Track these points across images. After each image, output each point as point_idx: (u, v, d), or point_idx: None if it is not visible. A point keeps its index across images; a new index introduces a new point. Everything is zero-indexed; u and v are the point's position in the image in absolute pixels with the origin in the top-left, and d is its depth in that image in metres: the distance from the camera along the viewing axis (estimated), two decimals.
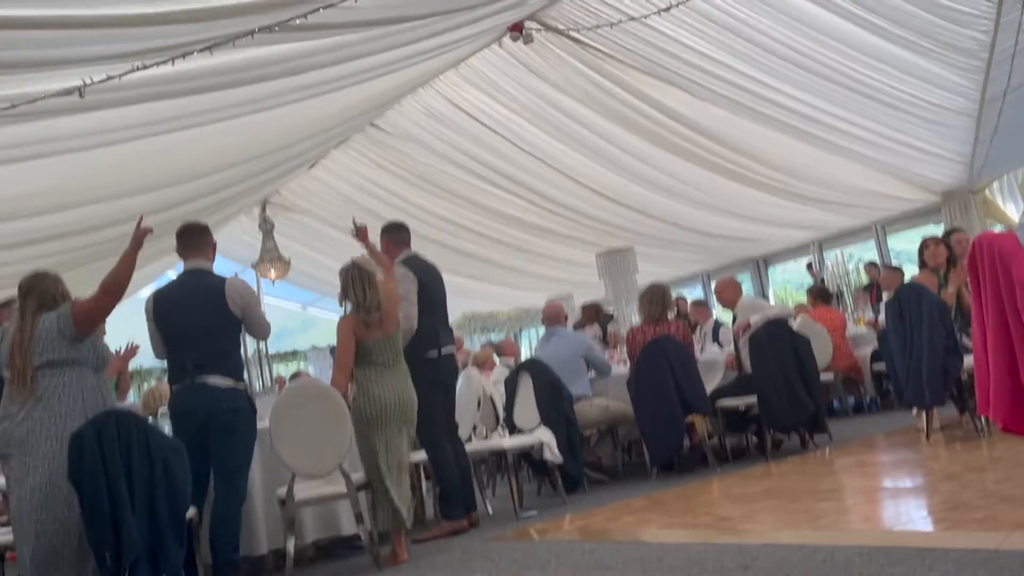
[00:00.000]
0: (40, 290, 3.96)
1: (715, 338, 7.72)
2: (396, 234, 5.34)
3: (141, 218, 3.97)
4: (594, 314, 9.44)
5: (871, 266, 10.58)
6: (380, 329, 4.56)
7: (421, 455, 5.17)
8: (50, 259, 7.42)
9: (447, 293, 5.48)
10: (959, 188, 10.06)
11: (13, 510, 3.79)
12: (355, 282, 4.60)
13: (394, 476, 4.45)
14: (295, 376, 9.98)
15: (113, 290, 3.95)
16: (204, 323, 4.28)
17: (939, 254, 5.95)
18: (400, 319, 4.87)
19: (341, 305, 4.74)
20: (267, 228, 11.27)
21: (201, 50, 4.51)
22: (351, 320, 4.57)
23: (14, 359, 3.80)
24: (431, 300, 5.19)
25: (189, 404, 4.23)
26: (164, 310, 4.38)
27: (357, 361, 4.59)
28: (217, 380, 4.24)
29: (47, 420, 3.77)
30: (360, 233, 4.96)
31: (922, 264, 6.01)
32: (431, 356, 5.09)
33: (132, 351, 5.89)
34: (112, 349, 5.57)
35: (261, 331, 4.60)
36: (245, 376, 4.41)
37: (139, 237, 3.91)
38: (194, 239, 4.51)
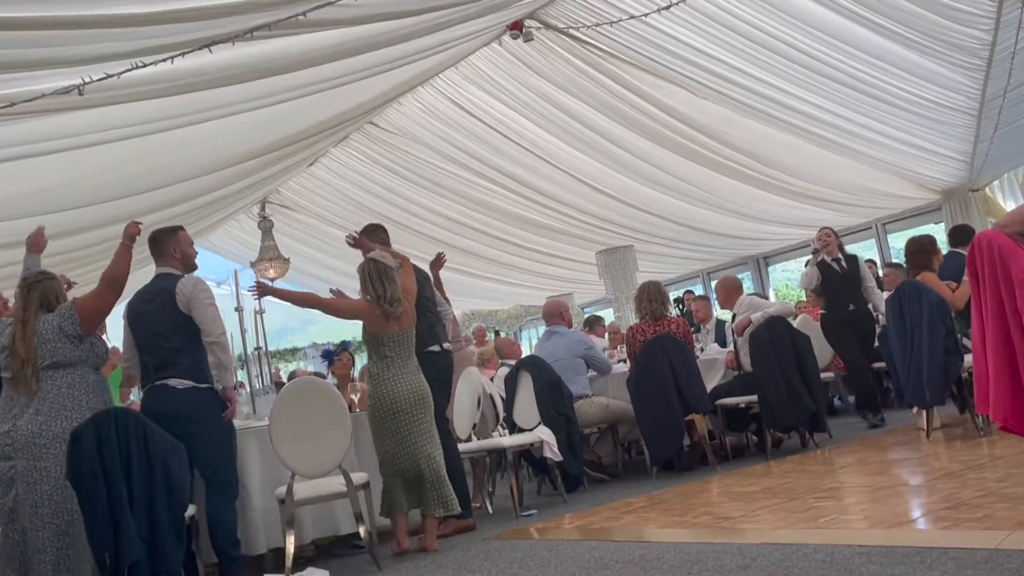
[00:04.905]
0: (44, 287, 3.96)
1: (718, 338, 7.70)
2: (374, 235, 5.34)
3: (133, 222, 4.16)
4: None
5: (870, 264, 10.56)
6: (397, 323, 4.59)
7: None
8: (49, 258, 7.39)
9: (447, 291, 5.65)
10: (959, 186, 10.04)
11: (23, 517, 3.73)
12: (372, 277, 4.62)
13: (408, 466, 4.47)
14: (292, 376, 9.95)
15: (113, 283, 4.01)
16: (157, 324, 4.27)
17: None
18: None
19: None
20: (266, 227, 11.27)
21: (200, 48, 4.51)
22: (370, 307, 4.59)
23: (17, 354, 3.79)
24: (426, 297, 5.30)
25: (152, 405, 4.23)
26: (132, 315, 4.42)
27: (371, 355, 4.64)
28: (176, 382, 4.22)
29: (54, 423, 3.77)
30: (358, 243, 5.02)
31: (921, 263, 5.93)
32: (433, 350, 5.17)
33: None
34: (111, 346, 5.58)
35: (208, 330, 4.28)
36: (209, 375, 4.29)
37: (130, 233, 4.08)
38: (154, 247, 4.50)
